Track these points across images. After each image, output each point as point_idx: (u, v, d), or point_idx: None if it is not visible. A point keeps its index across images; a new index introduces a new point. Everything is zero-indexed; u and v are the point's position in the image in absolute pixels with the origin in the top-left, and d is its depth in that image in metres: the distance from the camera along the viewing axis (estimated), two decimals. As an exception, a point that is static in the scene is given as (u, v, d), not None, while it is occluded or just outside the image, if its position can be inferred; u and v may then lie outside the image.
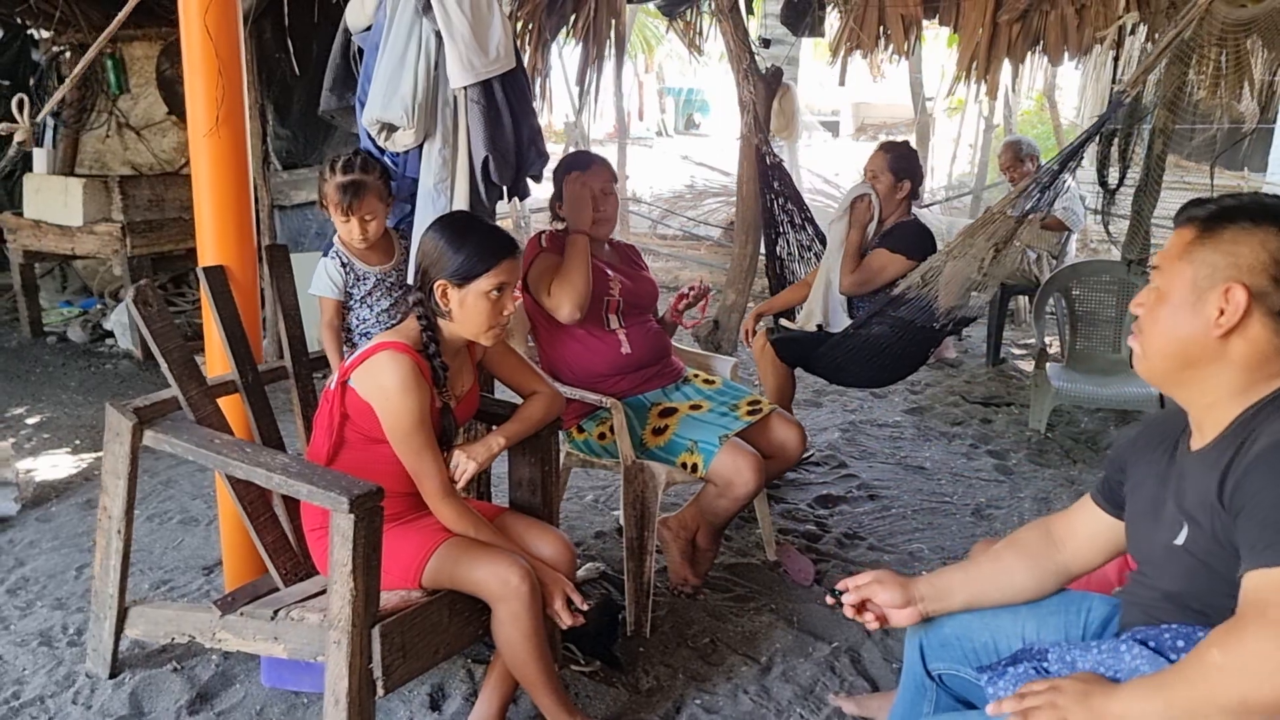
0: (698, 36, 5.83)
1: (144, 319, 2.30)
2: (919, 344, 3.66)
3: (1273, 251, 1.35)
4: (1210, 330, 1.38)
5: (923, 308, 3.47)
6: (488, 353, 2.38)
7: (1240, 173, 9.74)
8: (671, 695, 2.52)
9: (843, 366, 3.74)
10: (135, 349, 5.54)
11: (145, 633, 2.44)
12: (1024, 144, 5.92)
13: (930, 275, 3.43)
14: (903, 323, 3.52)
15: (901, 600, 1.72)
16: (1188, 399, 1.48)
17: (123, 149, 6.31)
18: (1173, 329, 1.43)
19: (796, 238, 4.43)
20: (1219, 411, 1.42)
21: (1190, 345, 1.41)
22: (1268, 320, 1.36)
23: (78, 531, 3.40)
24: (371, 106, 2.66)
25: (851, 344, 3.60)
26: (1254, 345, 1.38)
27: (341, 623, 1.94)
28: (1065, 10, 4.78)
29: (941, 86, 11.84)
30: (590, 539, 3.42)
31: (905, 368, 3.81)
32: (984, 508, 3.80)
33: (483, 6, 2.59)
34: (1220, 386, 1.41)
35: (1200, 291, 1.39)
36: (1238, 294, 1.36)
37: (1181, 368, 1.44)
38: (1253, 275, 1.36)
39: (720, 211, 10.75)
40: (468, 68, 2.56)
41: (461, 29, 2.54)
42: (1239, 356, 1.39)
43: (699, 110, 26.03)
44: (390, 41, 2.61)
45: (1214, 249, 1.39)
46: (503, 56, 2.62)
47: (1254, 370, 1.39)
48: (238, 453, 2.18)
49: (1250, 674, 1.19)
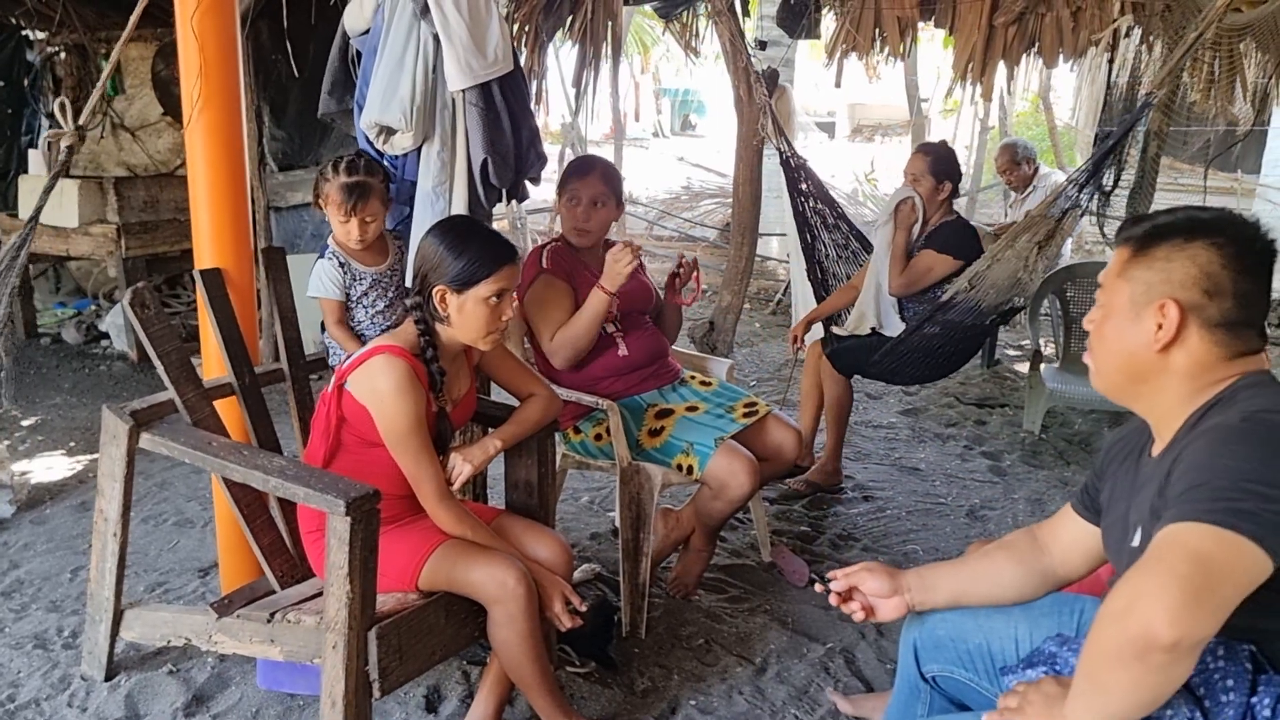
0: (694, 38, 5.83)
1: (141, 321, 2.30)
2: (971, 339, 3.81)
3: (1202, 265, 1.39)
4: (1151, 345, 1.42)
5: (970, 309, 3.56)
6: (485, 356, 2.37)
7: (1233, 174, 9.77)
8: (666, 696, 2.52)
9: (898, 369, 3.85)
10: (130, 351, 5.52)
11: (141, 635, 2.43)
12: (1020, 146, 5.94)
13: (976, 279, 3.51)
14: (953, 324, 3.62)
15: (889, 590, 1.73)
16: (1144, 410, 1.52)
17: (118, 150, 6.30)
18: (1117, 345, 1.47)
19: (831, 238, 4.41)
20: (1171, 420, 1.45)
21: (1135, 360, 1.45)
22: (1204, 332, 1.40)
23: (73, 534, 3.40)
24: (370, 109, 2.66)
25: (906, 347, 3.69)
26: (1193, 356, 1.41)
27: (338, 625, 1.94)
28: (1061, 13, 4.79)
29: (937, 88, 11.86)
30: (586, 540, 3.42)
31: (959, 361, 3.94)
32: (978, 509, 3.81)
33: (480, 9, 2.59)
34: (1169, 398, 1.45)
35: (1138, 308, 1.43)
36: (1171, 310, 1.39)
37: (1130, 382, 1.48)
38: (1184, 290, 1.40)
39: (716, 213, 10.76)
40: (466, 70, 2.56)
41: (459, 32, 2.54)
42: (1181, 368, 1.42)
43: (695, 111, 26.05)
44: (389, 44, 2.61)
45: (1148, 266, 1.43)
46: (501, 59, 2.62)
47: (1197, 379, 1.42)
48: (234, 455, 2.18)
49: (1123, 610, 1.21)
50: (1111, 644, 1.22)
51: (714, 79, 17.63)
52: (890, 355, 3.72)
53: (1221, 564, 1.20)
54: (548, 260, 2.91)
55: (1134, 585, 1.22)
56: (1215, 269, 1.38)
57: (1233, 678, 1.34)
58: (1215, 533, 1.21)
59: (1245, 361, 1.42)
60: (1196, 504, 1.25)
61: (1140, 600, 1.19)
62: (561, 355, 2.84)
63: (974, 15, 4.91)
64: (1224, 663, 1.36)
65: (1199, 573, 1.19)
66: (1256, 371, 1.41)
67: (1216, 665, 1.36)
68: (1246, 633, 1.35)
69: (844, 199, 10.86)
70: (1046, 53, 4.99)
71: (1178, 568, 1.19)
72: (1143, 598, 1.19)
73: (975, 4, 4.89)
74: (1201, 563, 1.19)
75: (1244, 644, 1.36)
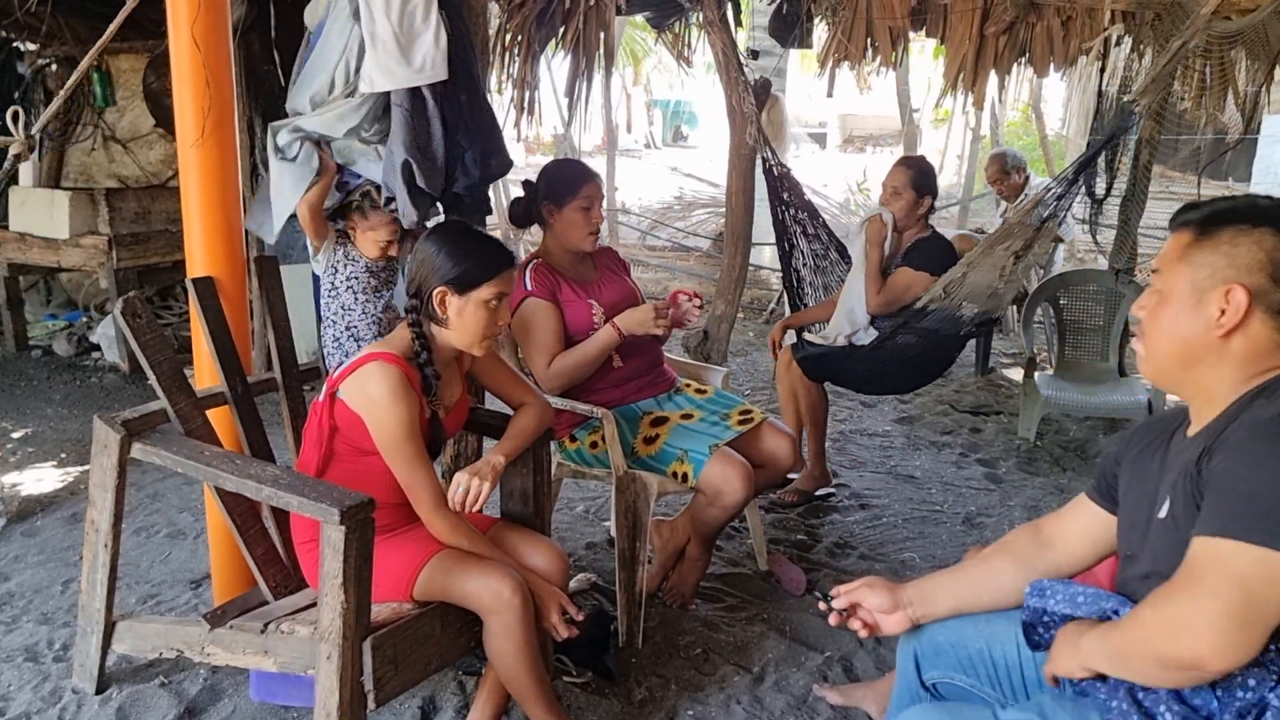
0: (686, 49, 5.84)
1: (133, 331, 2.29)
2: (945, 349, 3.77)
3: (1269, 250, 1.39)
4: (1212, 330, 1.42)
5: (946, 316, 3.53)
6: (477, 363, 2.37)
7: (1224, 182, 9.83)
8: (664, 706, 2.51)
9: (871, 378, 3.84)
10: (122, 362, 5.50)
11: (132, 647, 2.41)
12: (1010, 156, 5.96)
13: (952, 287, 3.48)
14: (928, 332, 3.59)
15: (890, 605, 1.72)
16: (1188, 395, 1.51)
17: (109, 162, 6.29)
18: (1174, 330, 1.46)
19: (810, 247, 4.42)
20: (1216, 403, 1.45)
21: (1192, 345, 1.45)
22: (1267, 318, 1.40)
23: (64, 546, 3.37)
24: (292, 98, 2.74)
25: (879, 356, 3.66)
26: (1254, 342, 1.41)
27: (332, 635, 1.93)
28: (1051, 22, 4.81)
29: (928, 98, 11.92)
30: (581, 550, 3.40)
31: (933, 372, 3.91)
32: (974, 516, 3.80)
33: (416, 18, 2.62)
34: (1220, 382, 1.45)
35: (1200, 293, 1.43)
36: (1238, 294, 1.39)
37: (1184, 367, 1.48)
38: (1251, 275, 1.39)
39: (709, 223, 10.79)
40: (387, 74, 2.60)
41: (384, 36, 2.58)
42: (1239, 353, 1.42)
43: (686, 122, 26.11)
44: (322, 40, 2.67)
45: (1212, 250, 1.42)
46: (428, 69, 2.64)
47: (1252, 364, 1.42)
48: (227, 465, 2.17)
49: (1170, 632, 1.28)
50: (1156, 655, 1.30)
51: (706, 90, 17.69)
52: (862, 363, 3.69)
53: (1268, 588, 1.24)
54: (532, 282, 2.87)
55: (1183, 608, 1.28)
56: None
57: (1254, 678, 1.34)
58: (1261, 555, 1.24)
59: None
60: (1241, 520, 1.27)
61: (1190, 629, 1.25)
62: (558, 384, 2.84)
63: (965, 25, 4.92)
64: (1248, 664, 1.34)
65: (1246, 601, 1.24)
66: None
67: None
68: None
69: (836, 208, 10.91)
70: (1037, 62, 5.01)
71: (1227, 597, 1.24)
72: (1192, 628, 1.25)
73: (966, 14, 4.90)
74: (1248, 589, 1.24)
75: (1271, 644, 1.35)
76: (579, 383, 2.88)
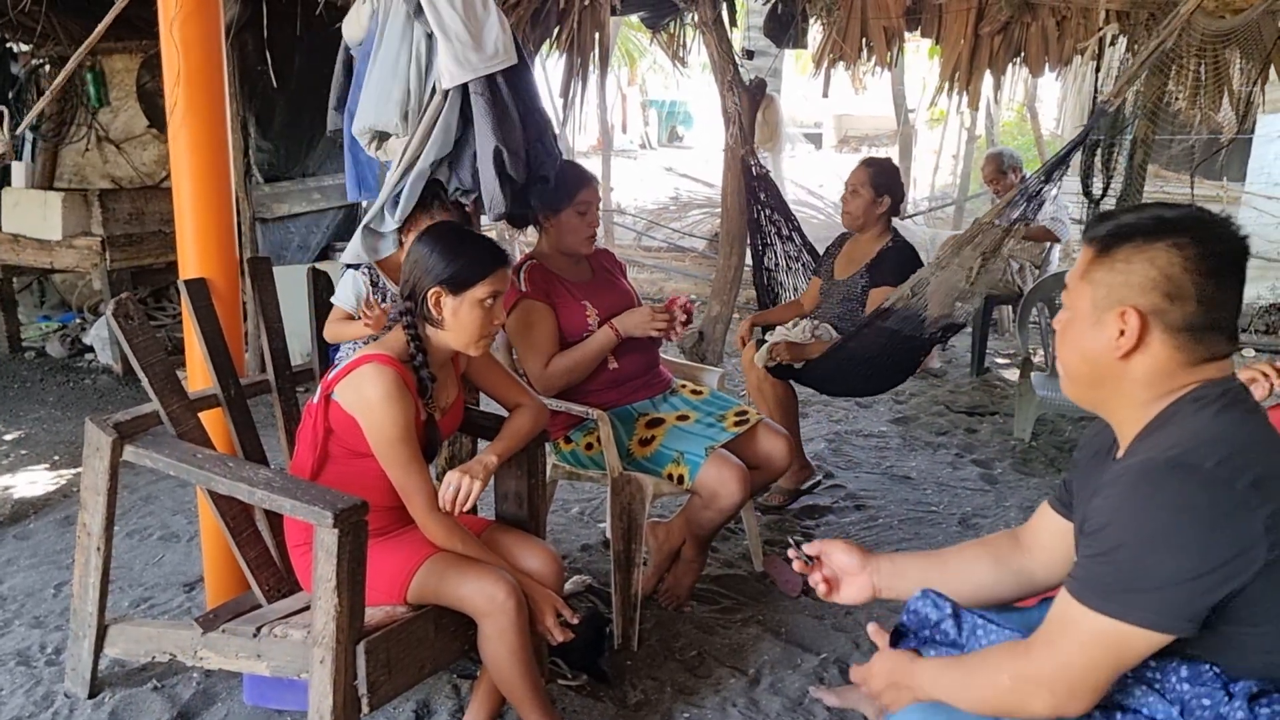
0: (681, 49, 5.84)
1: (125, 333, 2.27)
2: (908, 353, 3.67)
3: (1162, 268, 1.33)
4: (1112, 351, 1.37)
5: (909, 317, 3.48)
6: (472, 365, 2.36)
7: (1219, 182, 9.84)
8: (659, 709, 2.50)
9: (832, 377, 3.75)
10: (115, 364, 5.48)
11: (125, 651, 2.40)
12: (1006, 155, 5.96)
13: (918, 287, 3.44)
14: (890, 333, 3.53)
15: (857, 567, 1.69)
16: (1106, 414, 1.48)
17: (102, 162, 6.27)
18: (1080, 349, 1.43)
19: (784, 249, 4.44)
20: (1131, 426, 1.41)
21: (1098, 366, 1.41)
22: (1166, 337, 1.35)
23: (56, 549, 3.36)
24: (364, 115, 2.64)
25: (841, 355, 3.60)
26: (1156, 362, 1.36)
27: (325, 639, 1.92)
28: (1046, 22, 4.82)
29: (924, 98, 11.92)
30: (576, 552, 3.39)
31: (895, 377, 3.84)
32: (970, 517, 3.80)
33: (477, 5, 2.57)
34: (1131, 403, 1.41)
35: (1100, 312, 1.38)
36: (1132, 318, 1.34)
37: (1095, 387, 1.44)
38: (1144, 295, 1.34)
39: (705, 223, 10.77)
40: (464, 64, 2.53)
41: (455, 27, 2.52)
42: (1142, 375, 1.38)
43: (682, 123, 26.09)
44: (383, 48, 2.61)
45: (1109, 269, 1.38)
46: (502, 53, 2.59)
47: (1156, 386, 1.38)
48: (220, 467, 2.15)
49: (1019, 691, 1.35)
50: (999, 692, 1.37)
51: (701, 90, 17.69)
52: (825, 361, 3.64)
53: (1116, 654, 1.30)
54: (526, 283, 2.87)
55: (1036, 668, 1.34)
56: (1176, 271, 1.32)
57: (1208, 697, 1.34)
58: (1111, 626, 1.28)
59: (1206, 369, 1.36)
60: (1098, 585, 1.30)
61: (1036, 689, 1.33)
62: (554, 385, 2.83)
63: (960, 25, 4.93)
64: (1189, 684, 1.36)
65: (1091, 668, 1.30)
66: (1210, 382, 1.36)
67: (1184, 687, 1.37)
68: (1205, 659, 1.36)
69: (831, 209, 10.89)
70: (1032, 62, 5.01)
71: (1073, 658, 1.31)
72: (1039, 688, 1.33)
73: (961, 13, 4.90)
74: (1097, 656, 1.30)
75: (1204, 664, 1.36)
76: (575, 384, 2.87)
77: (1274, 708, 1.30)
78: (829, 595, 1.70)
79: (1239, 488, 1.24)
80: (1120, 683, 1.40)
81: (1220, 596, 1.25)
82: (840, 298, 3.84)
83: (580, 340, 2.87)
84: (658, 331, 2.84)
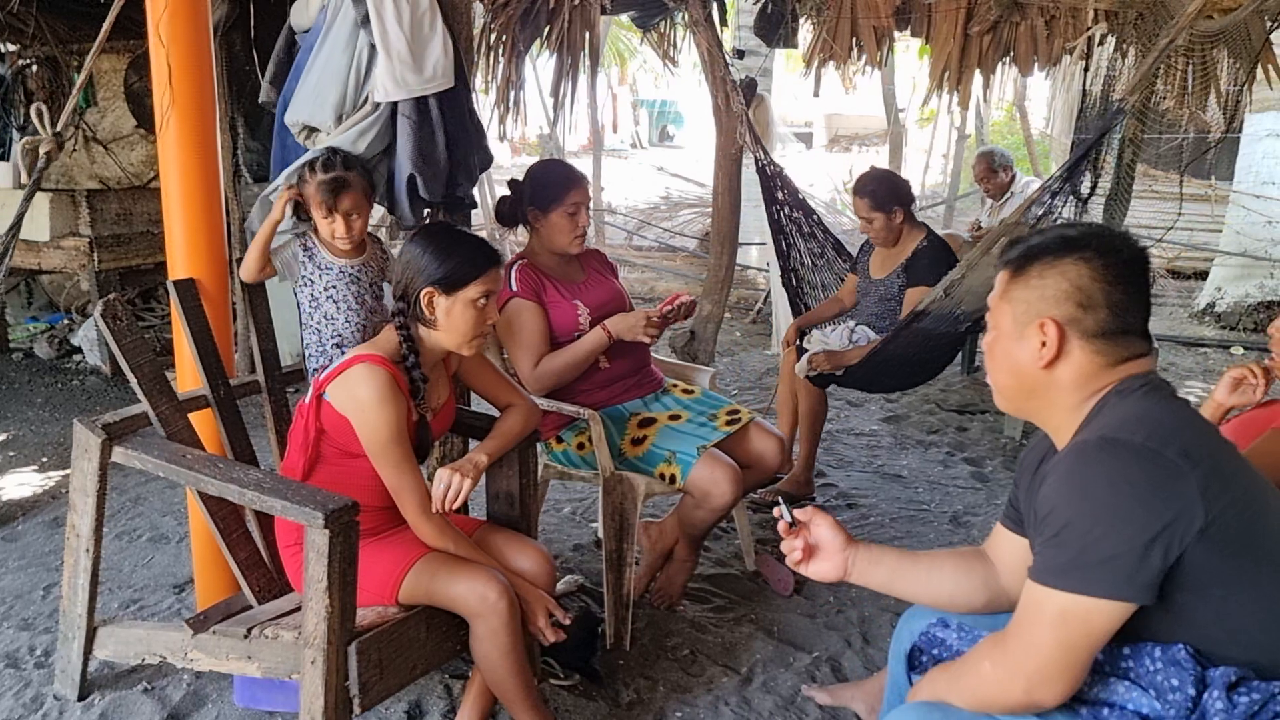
0: (671, 48, 5.84)
1: (113, 333, 2.26)
2: (946, 346, 3.78)
3: (1073, 280, 1.45)
4: (1037, 362, 1.47)
5: (944, 316, 3.53)
6: (464, 365, 2.36)
7: (1207, 181, 9.89)
8: (652, 708, 2.50)
9: (874, 378, 3.84)
10: (104, 365, 5.46)
11: (115, 653, 2.39)
12: (997, 154, 5.98)
13: (951, 288, 3.48)
14: (926, 332, 3.59)
15: (836, 547, 1.71)
16: (1041, 423, 1.57)
17: (90, 163, 6.23)
18: (1007, 365, 1.53)
19: (807, 246, 4.42)
20: (1065, 431, 1.50)
21: (1025, 378, 1.51)
22: (1084, 343, 1.46)
23: (45, 550, 3.34)
24: (298, 109, 2.66)
25: (881, 357, 3.66)
26: (1078, 368, 1.47)
27: (317, 640, 1.91)
28: (1035, 21, 4.83)
29: (914, 97, 11.94)
30: (568, 552, 3.39)
31: (936, 368, 3.92)
32: (961, 515, 3.81)
33: (425, 26, 2.59)
34: (1060, 409, 1.50)
35: (1020, 327, 1.49)
36: (1050, 328, 1.45)
37: (1024, 398, 1.54)
38: (1059, 306, 1.45)
39: (696, 223, 10.79)
40: (400, 83, 2.57)
41: (398, 45, 2.54)
42: (1068, 380, 1.48)
43: (672, 122, 26.13)
44: (326, 48, 2.62)
45: (1025, 286, 1.49)
46: (439, 76, 2.62)
47: (1082, 389, 1.48)
48: (210, 468, 2.15)
49: (1001, 683, 1.39)
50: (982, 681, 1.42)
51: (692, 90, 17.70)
52: (865, 364, 3.69)
53: (1083, 629, 1.34)
54: (517, 283, 2.86)
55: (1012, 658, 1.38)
56: (1086, 282, 1.44)
57: (1176, 677, 1.38)
58: (1072, 601, 1.33)
59: (1128, 366, 1.46)
60: (1054, 565, 1.35)
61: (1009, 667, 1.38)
62: (545, 385, 2.83)
63: (949, 24, 4.94)
64: (1162, 664, 1.40)
65: (1063, 647, 1.34)
66: (1131, 377, 1.45)
67: (1156, 667, 1.40)
68: (1176, 638, 1.40)
69: (823, 208, 10.91)
70: (1021, 61, 5.03)
71: (1047, 644, 1.35)
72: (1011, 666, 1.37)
73: (950, 13, 4.91)
74: (1064, 634, 1.34)
75: (1177, 644, 1.40)
76: (565, 384, 2.87)
77: (1252, 696, 1.33)
78: (800, 563, 1.72)
79: (1169, 455, 1.33)
80: (1099, 679, 1.44)
81: (1170, 560, 1.32)
82: (878, 297, 3.87)
83: (571, 340, 2.87)
84: (649, 338, 2.84)
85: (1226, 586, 1.34)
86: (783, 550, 1.74)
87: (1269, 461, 1.97)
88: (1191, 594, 1.35)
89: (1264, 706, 1.32)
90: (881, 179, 3.91)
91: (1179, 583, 1.34)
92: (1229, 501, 1.32)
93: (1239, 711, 1.32)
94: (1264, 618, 1.36)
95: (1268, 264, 7.80)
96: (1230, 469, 1.37)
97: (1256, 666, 1.37)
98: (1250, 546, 1.34)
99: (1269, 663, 1.37)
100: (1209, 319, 7.77)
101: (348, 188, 2.53)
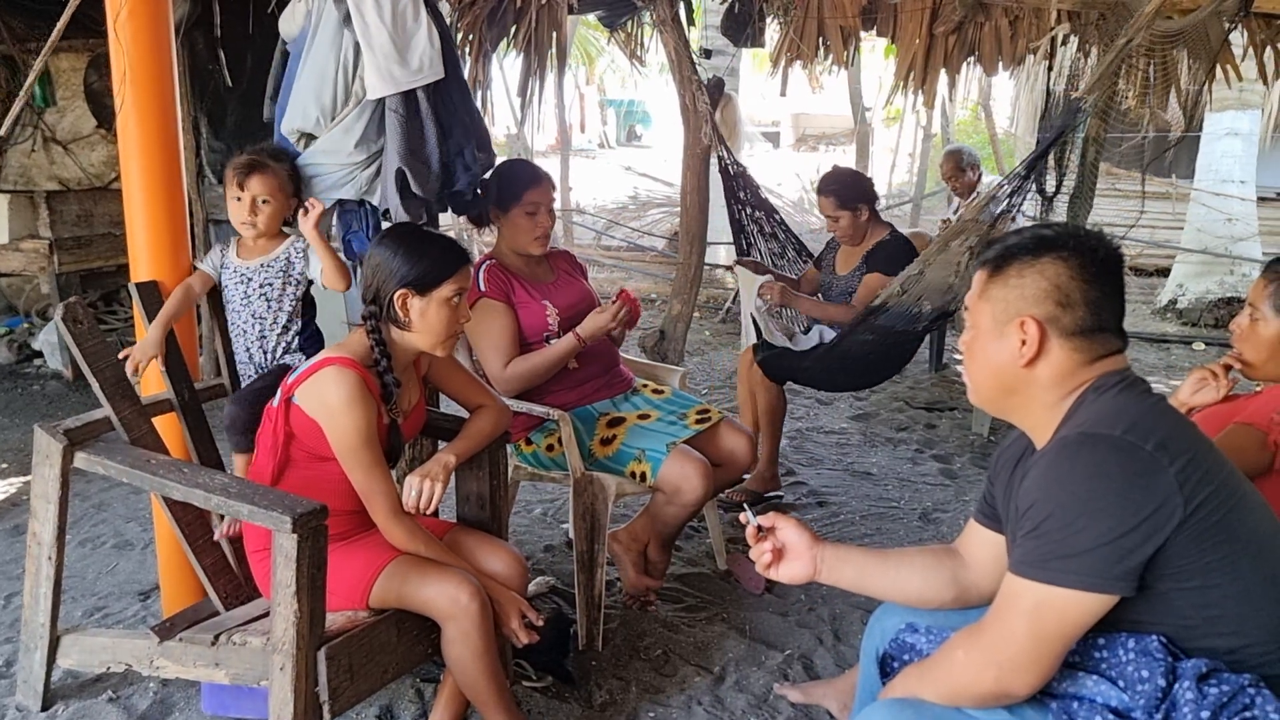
0: (639, 48, 5.84)
1: (74, 337, 2.23)
2: (904, 345, 3.80)
3: (1052, 279, 1.47)
4: (1017, 360, 1.49)
5: (902, 314, 3.55)
6: (434, 366, 2.34)
7: (1168, 179, 10.03)
8: (625, 709, 2.49)
9: (830, 376, 3.87)
10: (65, 369, 5.38)
11: (79, 662, 2.35)
12: (965, 153, 6.02)
13: (908, 283, 3.50)
14: (884, 329, 3.61)
15: (805, 546, 1.72)
16: (1019, 421, 1.59)
17: (49, 164, 6.13)
18: (987, 363, 1.55)
19: (768, 246, 4.47)
20: (1044, 428, 1.52)
21: (1005, 376, 1.52)
22: (1062, 341, 1.47)
23: (6, 559, 3.28)
24: (292, 116, 2.63)
25: (838, 353, 3.69)
26: (1057, 366, 1.48)
27: (285, 645, 1.89)
28: (999, 22, 4.88)
29: (880, 97, 12.03)
30: (539, 553, 3.38)
31: (893, 366, 3.95)
32: (930, 511, 3.84)
33: (407, 18, 2.57)
34: (1039, 407, 1.52)
35: (1000, 326, 1.51)
36: (1030, 326, 1.47)
37: (1004, 396, 1.56)
38: (1039, 304, 1.47)
39: (664, 222, 10.80)
40: (386, 78, 2.54)
41: (380, 40, 2.52)
42: (1047, 378, 1.49)
43: (640, 122, 26.15)
44: (313, 52, 2.59)
45: (1003, 285, 1.51)
46: (427, 68, 2.59)
47: (1060, 386, 1.49)
48: (174, 473, 2.12)
49: (975, 673, 1.40)
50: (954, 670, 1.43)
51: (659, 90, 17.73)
52: (821, 361, 3.72)
53: (1058, 620, 1.36)
54: (485, 283, 2.85)
55: (987, 648, 1.40)
56: (1064, 280, 1.46)
57: (1146, 668, 1.39)
58: (1050, 593, 1.35)
59: (1104, 364, 1.48)
60: (1033, 558, 1.37)
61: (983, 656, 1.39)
62: (515, 387, 2.82)
63: (914, 24, 4.98)
64: (1135, 654, 1.41)
65: (1037, 638, 1.36)
66: (1107, 374, 1.47)
67: (1129, 658, 1.42)
68: (1152, 628, 1.42)
69: (790, 206, 10.97)
70: (986, 61, 5.08)
71: (1017, 630, 1.37)
72: (985, 655, 1.39)
73: (916, 13, 4.95)
74: (1039, 625, 1.36)
75: (1151, 635, 1.42)
76: (534, 386, 2.86)
77: (1223, 687, 1.35)
78: (769, 567, 1.73)
79: (1148, 449, 1.35)
80: (1070, 674, 1.45)
81: (1148, 553, 1.33)
82: (841, 291, 3.90)
83: (540, 340, 2.86)
84: (618, 328, 2.85)
85: (1205, 576, 1.36)
86: (752, 557, 1.74)
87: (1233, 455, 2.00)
88: (1170, 583, 1.37)
89: (1233, 698, 1.34)
90: (846, 178, 3.94)
91: (1158, 572, 1.35)
92: (1207, 494, 1.34)
93: (1209, 702, 1.33)
94: (1241, 606, 1.38)
95: (1228, 261, 7.94)
96: (1208, 462, 1.39)
97: (1232, 654, 1.39)
98: (1228, 538, 1.36)
99: (1244, 650, 1.39)
100: (1171, 315, 7.89)
101: (263, 169, 2.51)
